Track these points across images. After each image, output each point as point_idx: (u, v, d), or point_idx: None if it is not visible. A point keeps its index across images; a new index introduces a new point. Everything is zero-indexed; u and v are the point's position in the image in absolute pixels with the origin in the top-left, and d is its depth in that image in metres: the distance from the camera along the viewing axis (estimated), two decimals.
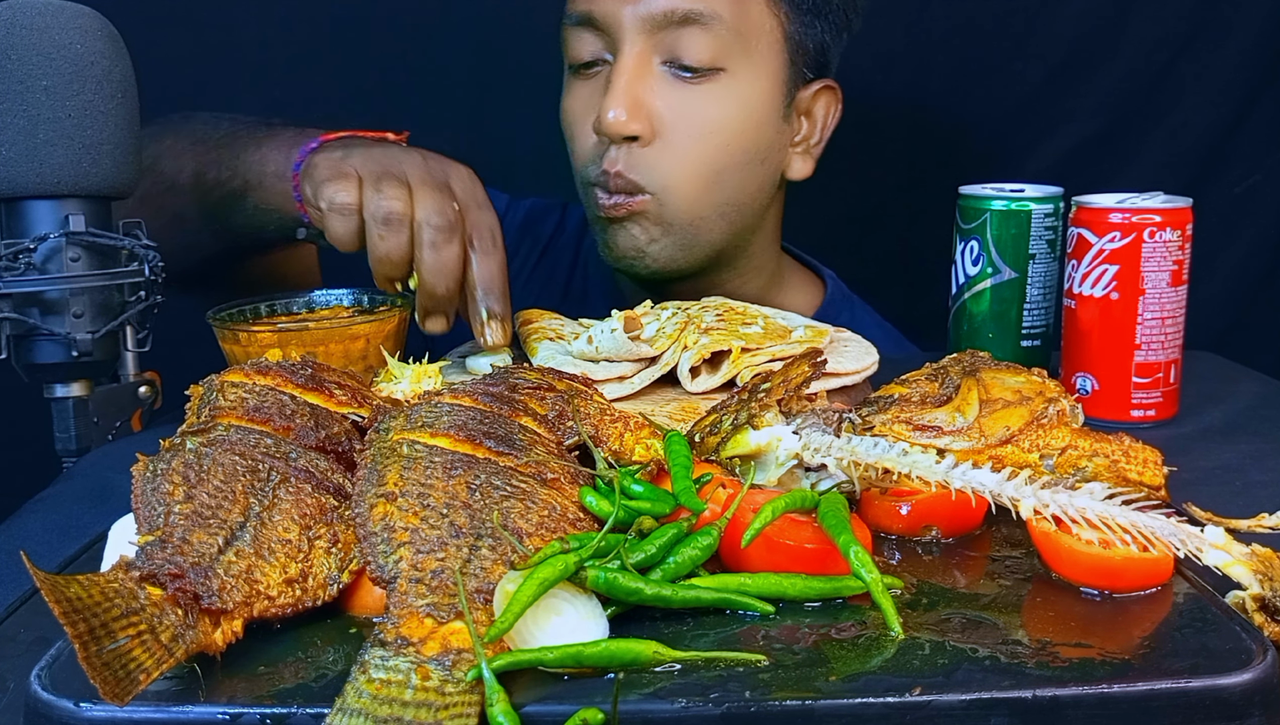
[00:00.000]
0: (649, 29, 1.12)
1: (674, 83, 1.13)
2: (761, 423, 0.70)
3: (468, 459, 0.64)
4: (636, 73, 1.12)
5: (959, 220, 1.09)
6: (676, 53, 1.12)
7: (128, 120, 0.94)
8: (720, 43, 1.12)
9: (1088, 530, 0.61)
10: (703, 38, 1.11)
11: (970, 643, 0.55)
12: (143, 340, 0.98)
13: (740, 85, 1.14)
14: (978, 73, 1.60)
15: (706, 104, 1.13)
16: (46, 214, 0.91)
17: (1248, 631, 0.56)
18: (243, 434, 0.66)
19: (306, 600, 0.57)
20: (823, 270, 1.36)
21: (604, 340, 0.91)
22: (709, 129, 1.14)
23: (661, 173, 1.14)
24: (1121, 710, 0.51)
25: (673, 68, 1.13)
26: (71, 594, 0.50)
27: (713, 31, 1.11)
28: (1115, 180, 1.12)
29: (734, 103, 1.14)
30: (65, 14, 0.91)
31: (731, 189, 1.17)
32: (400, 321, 1.00)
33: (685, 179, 1.14)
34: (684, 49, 1.12)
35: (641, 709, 0.51)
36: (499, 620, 0.53)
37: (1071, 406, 0.74)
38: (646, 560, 0.59)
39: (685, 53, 1.12)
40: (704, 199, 1.16)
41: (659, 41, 1.12)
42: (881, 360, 0.97)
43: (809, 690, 0.51)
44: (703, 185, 1.15)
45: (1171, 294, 0.97)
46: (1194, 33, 1.57)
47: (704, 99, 1.13)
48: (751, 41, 1.14)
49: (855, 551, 0.59)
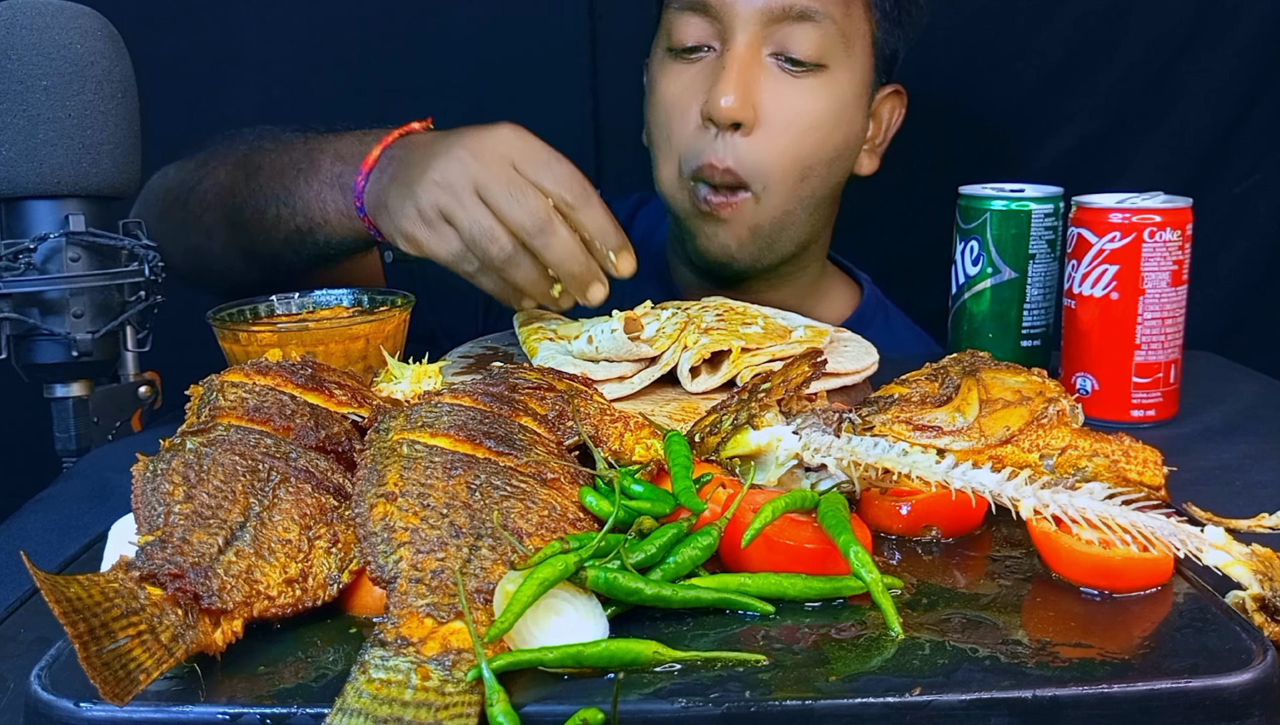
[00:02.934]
0: (764, 20, 1.14)
1: (779, 75, 1.16)
2: (761, 423, 0.70)
3: (468, 459, 0.64)
4: (748, 61, 1.15)
5: (959, 220, 1.09)
6: (786, 46, 1.15)
7: (128, 120, 0.94)
8: (827, 40, 1.15)
9: (1088, 530, 0.61)
10: (813, 33, 1.15)
11: (970, 643, 0.55)
12: (143, 340, 0.98)
13: (838, 82, 1.18)
14: (978, 72, 1.60)
15: (808, 98, 1.16)
16: (46, 214, 0.91)
17: (1248, 631, 0.56)
18: (243, 434, 0.66)
19: (306, 600, 0.57)
20: (859, 275, 1.38)
21: (604, 340, 0.91)
22: (809, 122, 1.17)
23: (764, 165, 1.16)
24: (1121, 710, 0.51)
25: (780, 60, 1.16)
26: (71, 594, 0.50)
27: (822, 29, 1.15)
28: (1115, 180, 1.12)
29: (831, 99, 1.18)
30: (65, 14, 0.91)
31: (817, 182, 1.20)
32: (400, 322, 1.00)
33: (783, 173, 1.17)
34: (794, 43, 1.15)
35: (641, 709, 0.51)
36: (499, 620, 0.53)
37: (1071, 406, 0.74)
38: (646, 560, 0.59)
39: (795, 47, 1.15)
40: (795, 193, 1.18)
41: (770, 34, 1.15)
42: (881, 360, 0.97)
43: (809, 690, 0.51)
44: (795, 179, 1.18)
45: (1171, 294, 0.97)
46: (1194, 33, 1.57)
47: (807, 93, 1.16)
48: (852, 42, 1.18)
49: (855, 551, 0.59)
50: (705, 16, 1.17)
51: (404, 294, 1.03)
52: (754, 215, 1.18)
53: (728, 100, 1.13)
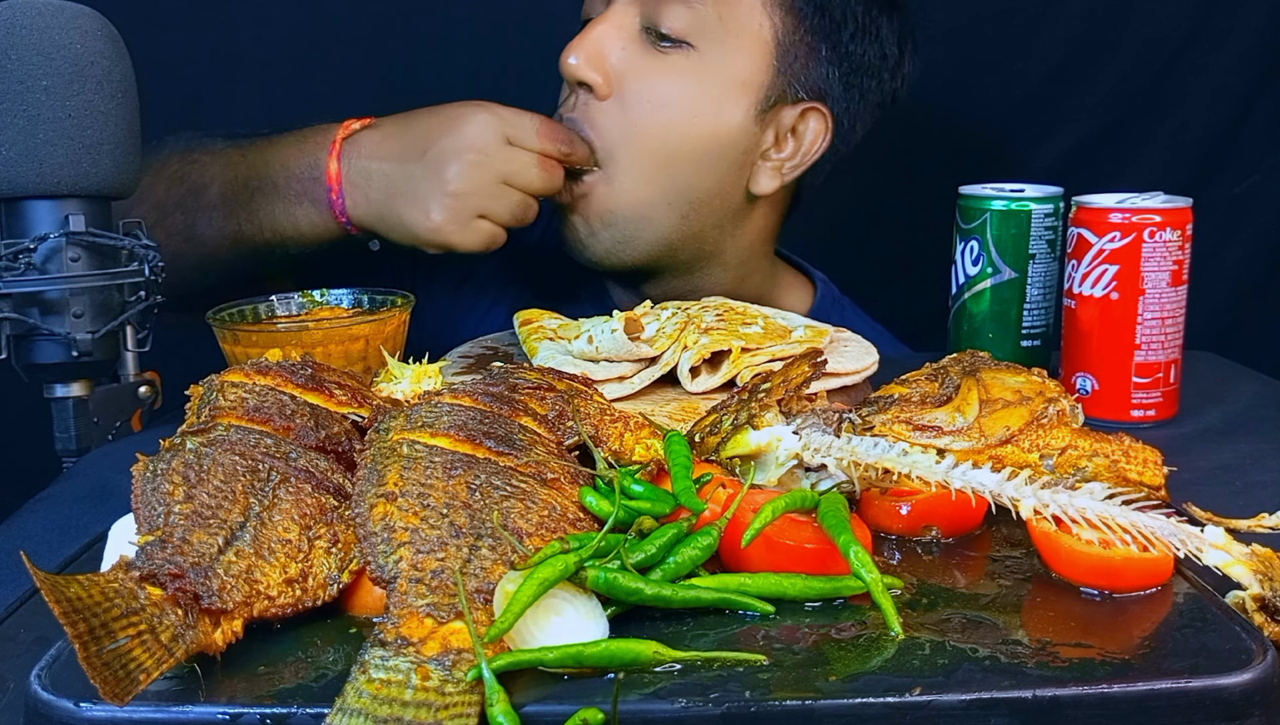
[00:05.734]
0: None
1: (644, 47, 1.15)
2: (761, 423, 0.70)
3: (468, 459, 0.64)
4: (612, 28, 1.14)
5: (959, 220, 1.09)
6: (656, 19, 1.14)
7: (128, 120, 0.94)
8: (697, 19, 1.13)
9: (1088, 530, 0.61)
10: (681, 10, 1.13)
11: (970, 643, 0.55)
12: (143, 340, 0.98)
13: (706, 68, 1.14)
14: (978, 73, 1.60)
15: (668, 74, 1.14)
16: (46, 214, 0.91)
17: (1248, 631, 0.56)
18: (243, 434, 0.66)
19: (306, 600, 0.57)
20: (813, 273, 1.35)
21: (604, 340, 0.91)
22: (664, 100, 1.14)
23: (611, 133, 1.14)
24: (1121, 710, 0.51)
25: (649, 34, 1.14)
26: (71, 594, 0.50)
27: (693, 8, 1.13)
28: (1115, 180, 1.12)
29: (695, 81, 1.14)
30: (65, 14, 0.91)
31: (684, 178, 1.16)
32: (400, 322, 1.00)
33: (635, 150, 1.14)
34: (662, 15, 1.13)
35: (641, 709, 0.51)
36: (499, 620, 0.53)
37: (1071, 406, 0.74)
38: (646, 560, 0.59)
39: (663, 20, 1.13)
40: (653, 180, 1.15)
41: (644, 5, 1.14)
42: (881, 360, 0.97)
43: (809, 690, 0.51)
44: (651, 163, 1.15)
45: (1171, 294, 0.97)
46: (1194, 33, 1.57)
47: (667, 69, 1.14)
48: (731, 30, 1.14)
49: (855, 551, 0.59)
50: None
51: (404, 294, 1.03)
52: (604, 199, 1.16)
53: (574, 59, 1.13)
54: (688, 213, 1.18)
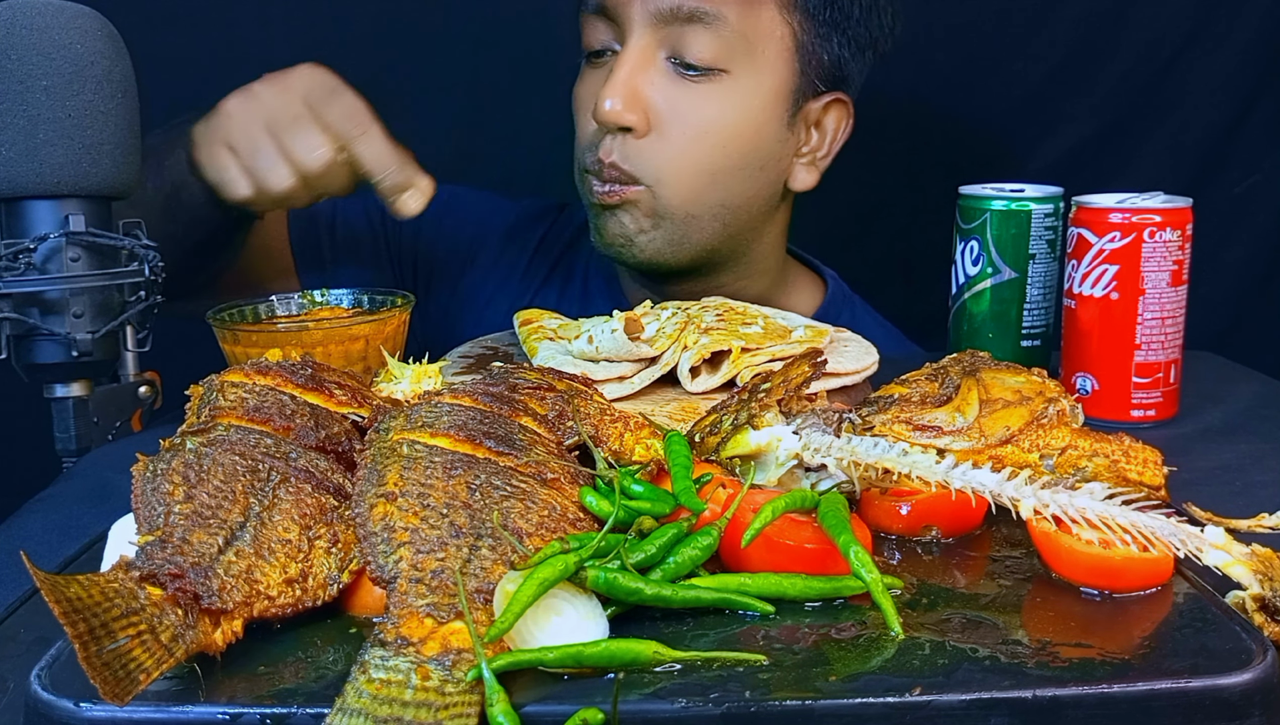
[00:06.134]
0: (655, 22, 1.12)
1: (675, 79, 1.14)
2: (761, 423, 0.70)
3: (468, 459, 0.64)
4: (639, 64, 1.13)
5: (959, 220, 1.09)
6: (680, 49, 1.13)
7: (128, 120, 0.94)
8: (724, 44, 1.12)
9: (1088, 530, 0.61)
10: (707, 37, 1.12)
11: (970, 643, 0.55)
12: (143, 340, 0.98)
13: (741, 88, 1.14)
14: (978, 73, 1.60)
15: (705, 103, 1.14)
16: (46, 214, 0.91)
17: (1248, 631, 0.56)
18: (243, 434, 0.66)
19: (306, 600, 0.57)
20: (824, 270, 1.36)
21: (604, 340, 0.91)
22: (705, 128, 1.14)
23: (655, 166, 1.14)
24: (1121, 710, 0.51)
25: (676, 64, 1.13)
26: (71, 594, 0.50)
27: (717, 32, 1.12)
28: (1115, 180, 1.12)
29: (733, 105, 1.15)
30: (65, 14, 0.91)
31: (728, 191, 1.17)
32: (400, 322, 1.00)
33: (679, 175, 1.14)
34: (687, 46, 1.12)
35: (641, 709, 0.51)
36: (499, 620, 0.53)
37: (1071, 406, 0.74)
38: (646, 560, 0.59)
39: (688, 50, 1.12)
40: (700, 197, 1.16)
41: (665, 36, 1.13)
42: (881, 360, 0.97)
43: (809, 690, 0.51)
44: (698, 184, 1.15)
45: (1171, 294, 0.97)
46: (1194, 33, 1.57)
47: (703, 98, 1.14)
48: (758, 47, 1.14)
49: (855, 551, 0.59)
50: (606, 20, 1.16)
51: (404, 294, 1.03)
52: (652, 206, 1.15)
53: (610, 104, 1.11)
54: (729, 220, 1.19)
